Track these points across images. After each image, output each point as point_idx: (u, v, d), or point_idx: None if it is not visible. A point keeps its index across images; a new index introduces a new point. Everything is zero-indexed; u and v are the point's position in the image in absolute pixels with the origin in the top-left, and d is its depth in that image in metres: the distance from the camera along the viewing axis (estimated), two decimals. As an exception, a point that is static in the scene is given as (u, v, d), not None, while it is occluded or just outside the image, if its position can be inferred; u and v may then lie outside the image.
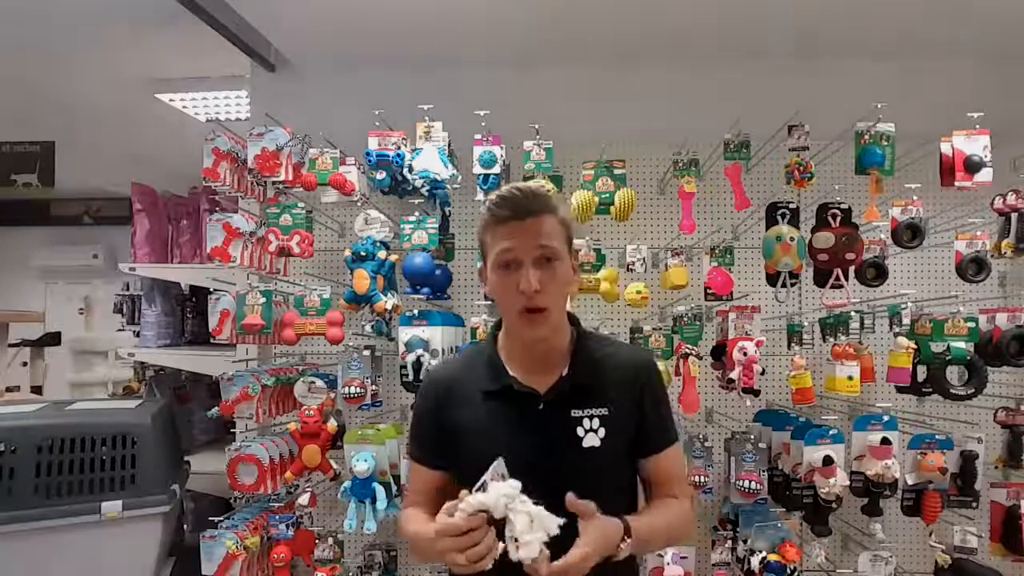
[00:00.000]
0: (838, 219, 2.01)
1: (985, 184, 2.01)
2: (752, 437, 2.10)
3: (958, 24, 2.29)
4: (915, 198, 2.07)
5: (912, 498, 2.05)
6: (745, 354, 1.99)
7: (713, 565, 2.15)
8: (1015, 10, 2.18)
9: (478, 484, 1.05)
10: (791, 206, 2.07)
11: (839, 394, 2.05)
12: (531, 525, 1.00)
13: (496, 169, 2.13)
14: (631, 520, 1.13)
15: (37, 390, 4.91)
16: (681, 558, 2.05)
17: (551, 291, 1.17)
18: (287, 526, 2.13)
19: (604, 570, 1.08)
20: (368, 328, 2.16)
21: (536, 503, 1.02)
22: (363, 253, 2.10)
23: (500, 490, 1.02)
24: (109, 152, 4.12)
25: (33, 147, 3.57)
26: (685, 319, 2.12)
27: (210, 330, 2.19)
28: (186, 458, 2.42)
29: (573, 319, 1.32)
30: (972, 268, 2.07)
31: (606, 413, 1.21)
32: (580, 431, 1.20)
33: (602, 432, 1.20)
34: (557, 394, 1.22)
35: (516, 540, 0.99)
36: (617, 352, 1.31)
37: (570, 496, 1.05)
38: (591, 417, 1.20)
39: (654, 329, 2.12)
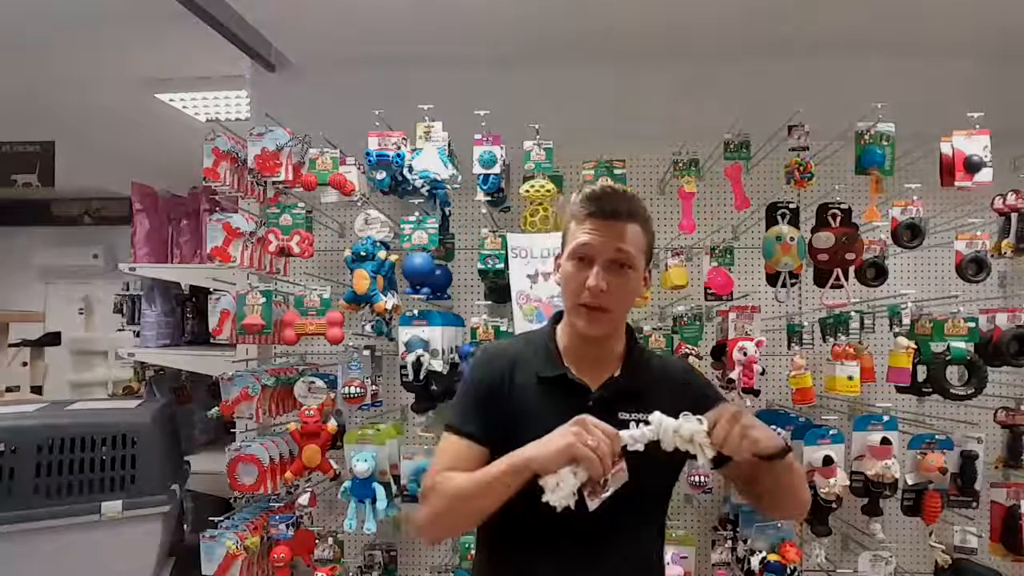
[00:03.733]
0: (838, 219, 2.01)
1: (985, 184, 2.00)
2: (752, 437, 2.10)
3: (957, 24, 2.29)
4: (915, 198, 2.06)
5: (912, 498, 2.05)
6: (745, 354, 1.99)
7: (713, 565, 2.15)
8: (1015, 10, 2.18)
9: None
10: (791, 206, 2.06)
11: (839, 394, 2.05)
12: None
13: (496, 169, 2.13)
14: None
15: (37, 390, 4.90)
16: (681, 558, 2.05)
17: (617, 295, 1.17)
18: (287, 526, 2.13)
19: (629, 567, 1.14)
20: (368, 328, 2.16)
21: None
22: (363, 253, 2.10)
23: (664, 422, 1.08)
24: (109, 152, 4.13)
25: (33, 147, 3.57)
26: (685, 319, 2.12)
27: (210, 330, 2.19)
28: (186, 458, 2.42)
29: (630, 330, 1.32)
30: (972, 268, 2.06)
31: None
32: None
33: None
34: (607, 392, 1.21)
35: (701, 446, 1.06)
36: (666, 364, 1.34)
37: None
38: (638, 422, 1.15)
39: (654, 329, 2.11)
